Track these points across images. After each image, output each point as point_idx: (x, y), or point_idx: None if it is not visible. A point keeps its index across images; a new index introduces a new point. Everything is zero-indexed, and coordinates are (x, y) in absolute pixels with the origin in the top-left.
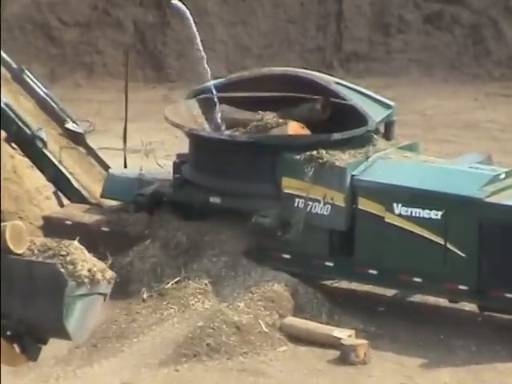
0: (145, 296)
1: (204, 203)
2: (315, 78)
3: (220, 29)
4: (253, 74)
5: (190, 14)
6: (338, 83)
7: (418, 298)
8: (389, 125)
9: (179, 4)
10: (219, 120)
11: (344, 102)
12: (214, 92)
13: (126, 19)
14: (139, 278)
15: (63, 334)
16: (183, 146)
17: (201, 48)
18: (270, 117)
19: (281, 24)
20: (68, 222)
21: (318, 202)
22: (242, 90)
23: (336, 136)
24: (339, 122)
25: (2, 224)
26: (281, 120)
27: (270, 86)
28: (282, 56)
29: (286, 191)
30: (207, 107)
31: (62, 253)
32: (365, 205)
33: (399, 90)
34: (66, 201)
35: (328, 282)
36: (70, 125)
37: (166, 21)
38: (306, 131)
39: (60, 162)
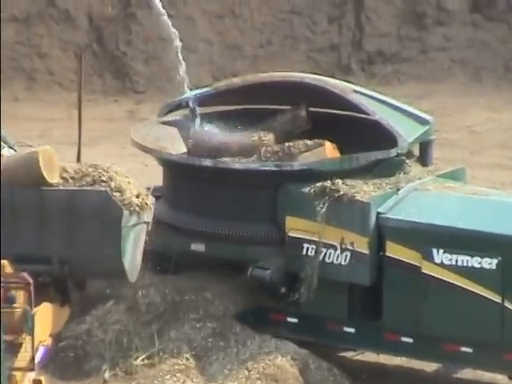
0: (106, 376)
1: (183, 251)
2: (328, 86)
3: (202, 23)
4: (246, 82)
5: (163, 3)
6: (357, 92)
7: (467, 373)
8: (425, 146)
9: None
10: (202, 142)
11: (366, 116)
12: (195, 106)
13: (77, 12)
14: (99, 352)
15: (119, 273)
16: (155, 177)
17: (178, 48)
18: (267, 137)
19: (282, 15)
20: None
21: (334, 248)
22: (232, 102)
23: (360, 160)
24: (360, 142)
25: (31, 150)
26: (309, 142)
27: (269, 96)
28: (283, 57)
29: (291, 234)
30: (186, 126)
31: (104, 178)
32: (395, 252)
33: (439, 100)
34: None
35: (348, 354)
36: (5, 151)
37: (131, 13)
38: (338, 153)
39: None
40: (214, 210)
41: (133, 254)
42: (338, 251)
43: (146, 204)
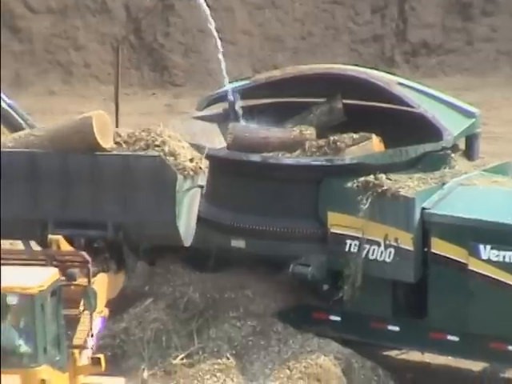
0: (145, 375)
1: (223, 248)
2: (371, 79)
3: (242, 14)
4: (286, 75)
5: None
6: (401, 84)
7: None
8: (471, 139)
9: None
10: (242, 136)
11: (411, 109)
12: (234, 100)
13: (114, 3)
14: (137, 351)
15: (174, 238)
16: None
17: (217, 40)
18: (308, 131)
19: (324, 6)
20: None
21: (378, 244)
22: (273, 95)
23: (401, 154)
24: (404, 135)
25: (84, 115)
26: (355, 135)
27: (311, 89)
28: (325, 49)
29: (334, 231)
30: (225, 120)
31: (157, 143)
32: (440, 248)
33: (485, 93)
34: None
35: (393, 353)
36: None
37: (169, 4)
38: (383, 147)
39: None
40: (254, 206)
41: (187, 219)
42: (382, 247)
43: (200, 168)
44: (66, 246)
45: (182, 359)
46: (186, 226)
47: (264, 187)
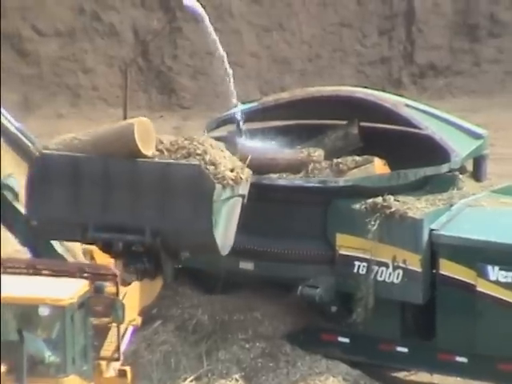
0: None
1: (232, 270)
2: (379, 100)
3: (250, 36)
4: (294, 97)
5: (209, 16)
6: (409, 106)
7: None
8: (479, 161)
9: (194, 3)
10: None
11: (418, 130)
12: (241, 122)
13: (122, 25)
14: (147, 373)
15: (211, 247)
16: None
17: (225, 62)
18: (316, 153)
19: (331, 28)
20: None
21: (386, 266)
22: (280, 117)
23: (408, 176)
24: (412, 157)
25: (127, 121)
26: (358, 158)
27: (318, 111)
28: (332, 71)
29: (342, 252)
30: (233, 142)
31: (198, 151)
32: (449, 269)
33: (493, 114)
34: None
35: (401, 374)
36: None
37: (177, 27)
38: (387, 169)
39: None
40: (262, 228)
41: (225, 228)
42: (390, 269)
43: (241, 178)
44: (99, 257)
45: (191, 381)
46: (224, 235)
47: (272, 209)
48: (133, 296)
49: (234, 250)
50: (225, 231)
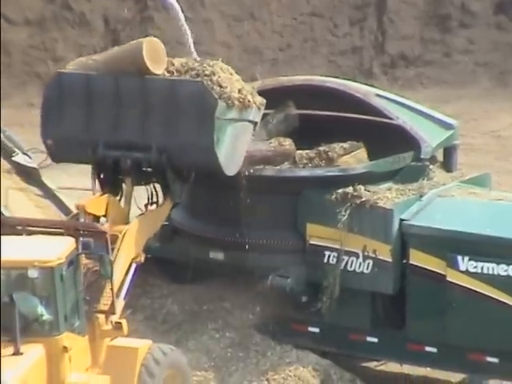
0: None
1: (202, 260)
2: (350, 90)
3: (221, 26)
4: (265, 86)
5: (181, 6)
6: (380, 96)
7: None
8: (449, 151)
9: None
10: None
11: (389, 121)
12: None
13: (93, 14)
14: None
15: (213, 164)
16: None
17: (194, 52)
18: (287, 142)
19: (302, 18)
20: None
21: (356, 256)
22: None
23: (378, 166)
24: (382, 147)
25: (137, 40)
26: (345, 145)
27: (289, 100)
28: (303, 61)
29: (312, 242)
30: None
31: (207, 72)
32: (419, 259)
33: (463, 105)
34: None
35: (371, 364)
36: (19, 158)
37: (148, 16)
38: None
39: (6, 208)
40: (233, 218)
41: (231, 148)
42: (361, 259)
43: (249, 101)
44: (92, 208)
45: None
46: (228, 155)
47: (242, 199)
48: (134, 233)
49: (204, 239)
50: (231, 151)
